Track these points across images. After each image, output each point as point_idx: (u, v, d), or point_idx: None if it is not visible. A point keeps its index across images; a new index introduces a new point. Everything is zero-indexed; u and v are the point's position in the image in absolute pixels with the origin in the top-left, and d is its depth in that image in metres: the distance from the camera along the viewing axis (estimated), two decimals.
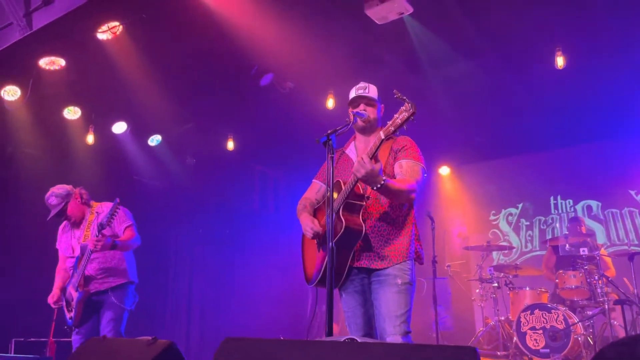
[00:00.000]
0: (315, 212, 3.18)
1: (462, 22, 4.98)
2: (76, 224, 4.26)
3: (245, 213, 8.52)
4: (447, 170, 8.69)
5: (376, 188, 2.69)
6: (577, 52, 5.37)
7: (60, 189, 4.21)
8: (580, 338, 5.12)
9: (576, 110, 6.54)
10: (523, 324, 5.37)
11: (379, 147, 2.68)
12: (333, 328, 2.47)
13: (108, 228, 3.93)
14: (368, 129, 3.10)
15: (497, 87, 6.18)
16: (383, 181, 2.66)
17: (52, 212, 4.18)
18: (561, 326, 5.14)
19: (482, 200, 8.41)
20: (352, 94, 3.15)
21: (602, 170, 7.29)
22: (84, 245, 4.03)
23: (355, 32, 5.14)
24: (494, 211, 8.38)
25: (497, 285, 6.22)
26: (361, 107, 3.08)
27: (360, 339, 1.79)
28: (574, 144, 7.40)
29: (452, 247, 8.36)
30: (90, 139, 6.59)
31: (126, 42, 4.92)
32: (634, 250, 5.50)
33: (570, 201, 7.80)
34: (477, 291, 6.63)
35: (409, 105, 2.59)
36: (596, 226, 7.49)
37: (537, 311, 5.34)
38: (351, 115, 3.00)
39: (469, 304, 7.51)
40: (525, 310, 5.42)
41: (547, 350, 5.14)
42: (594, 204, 7.62)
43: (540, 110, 6.63)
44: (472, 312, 7.62)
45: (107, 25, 4.75)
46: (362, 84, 3.15)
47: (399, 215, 2.96)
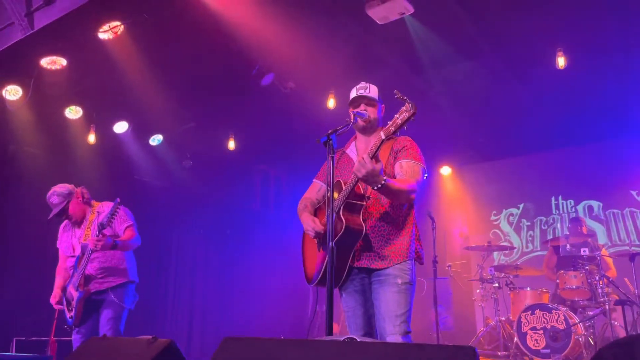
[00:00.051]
0: (315, 212, 3.18)
1: (463, 22, 4.98)
2: (77, 223, 4.27)
3: (246, 213, 8.54)
4: (448, 170, 8.69)
5: (377, 188, 2.69)
6: (579, 52, 5.37)
7: (62, 188, 4.22)
8: (581, 338, 5.12)
9: (578, 110, 6.53)
10: (524, 324, 5.37)
11: (379, 147, 2.69)
12: (333, 328, 2.47)
13: (108, 228, 3.93)
14: (368, 129, 3.10)
15: (498, 87, 6.17)
16: (384, 181, 2.66)
17: (54, 211, 4.19)
18: (562, 326, 5.14)
19: (483, 201, 8.41)
20: (352, 94, 3.15)
21: (603, 171, 7.29)
22: (84, 244, 4.04)
23: (356, 32, 5.14)
24: (494, 211, 8.37)
25: (498, 285, 6.22)
26: (362, 107, 3.08)
27: (360, 339, 1.80)
28: (575, 145, 7.40)
29: (452, 247, 8.36)
30: (92, 138, 6.59)
31: (127, 41, 4.92)
32: (635, 250, 5.49)
33: (572, 201, 7.79)
34: (478, 291, 6.63)
35: (410, 105, 2.59)
36: (597, 226, 7.48)
37: (537, 311, 5.34)
38: (352, 115, 3.00)
39: (470, 304, 7.51)
40: (526, 310, 5.42)
41: (548, 351, 5.14)
42: (595, 204, 7.61)
43: (542, 110, 6.62)
44: (472, 312, 7.63)
45: (108, 25, 4.76)
46: (362, 84, 3.16)
47: (399, 215, 2.96)
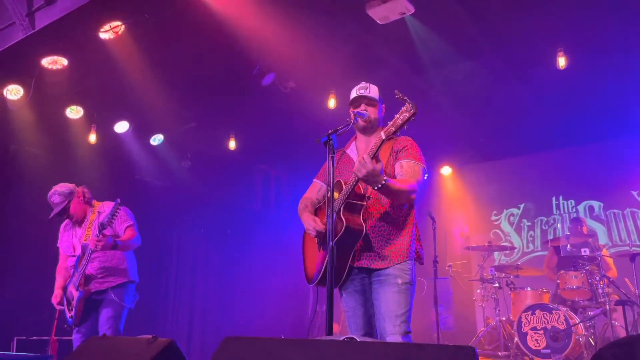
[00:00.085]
0: (316, 212, 3.18)
1: (464, 22, 4.98)
2: (78, 222, 4.28)
3: (246, 212, 8.54)
4: (448, 170, 8.68)
5: (377, 188, 2.69)
6: (579, 52, 5.36)
7: (63, 187, 4.23)
8: (581, 339, 5.12)
9: (578, 110, 6.52)
10: (524, 324, 5.37)
11: (380, 147, 2.69)
12: (333, 327, 2.47)
13: (109, 228, 3.94)
14: (369, 129, 3.11)
15: (498, 87, 6.16)
16: (384, 181, 2.66)
17: (55, 210, 4.20)
18: (562, 327, 5.14)
19: (483, 201, 8.41)
20: (353, 93, 3.16)
21: (604, 171, 7.28)
22: (85, 244, 4.05)
23: (357, 32, 5.14)
24: (495, 211, 8.37)
25: (499, 285, 6.22)
26: (362, 107, 3.08)
27: (360, 338, 1.80)
28: (576, 145, 7.39)
29: (453, 247, 8.36)
30: (93, 138, 6.60)
31: (128, 41, 4.93)
32: (636, 250, 5.48)
33: (572, 202, 7.78)
34: (479, 291, 6.63)
35: (410, 105, 2.59)
36: (598, 227, 7.48)
37: (538, 311, 5.34)
38: (352, 115, 3.00)
39: (470, 304, 7.50)
40: (526, 310, 5.42)
41: (548, 351, 5.14)
42: (596, 204, 7.61)
43: (543, 110, 6.62)
44: (473, 312, 7.62)
45: (109, 24, 4.76)
46: (363, 84, 3.16)
47: (399, 215, 2.96)
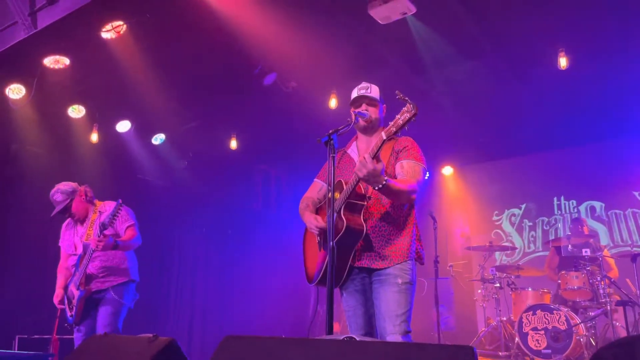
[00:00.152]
0: (317, 212, 3.19)
1: (465, 22, 4.98)
2: (80, 221, 4.30)
3: (247, 212, 8.55)
4: (450, 170, 8.68)
5: (378, 188, 2.69)
6: (579, 52, 5.36)
7: (66, 185, 4.25)
8: (582, 339, 5.11)
9: (580, 110, 6.52)
10: (525, 325, 5.36)
11: (380, 147, 2.69)
12: (334, 327, 2.48)
13: (110, 228, 3.96)
14: (370, 129, 3.11)
15: (500, 87, 6.16)
16: (385, 181, 2.66)
17: (57, 209, 4.21)
18: (563, 327, 5.13)
19: (485, 201, 8.41)
20: (354, 93, 3.16)
21: (605, 171, 7.28)
22: (86, 243, 4.06)
23: (358, 32, 5.14)
24: (496, 211, 8.37)
25: (500, 285, 6.22)
26: (363, 107, 3.09)
27: (359, 338, 1.80)
28: (578, 145, 7.38)
29: (454, 247, 8.36)
30: (94, 137, 6.61)
31: (130, 41, 4.94)
32: (637, 251, 5.47)
33: (574, 202, 7.78)
34: (480, 291, 6.62)
35: (411, 106, 2.59)
36: (599, 227, 7.47)
37: (539, 312, 5.34)
38: (353, 115, 3.01)
39: (471, 304, 7.50)
40: (527, 310, 5.41)
41: (549, 351, 5.14)
42: (598, 204, 7.60)
43: (544, 110, 6.62)
44: (474, 313, 7.62)
45: (111, 24, 4.77)
46: (364, 84, 3.16)
47: (400, 215, 2.96)
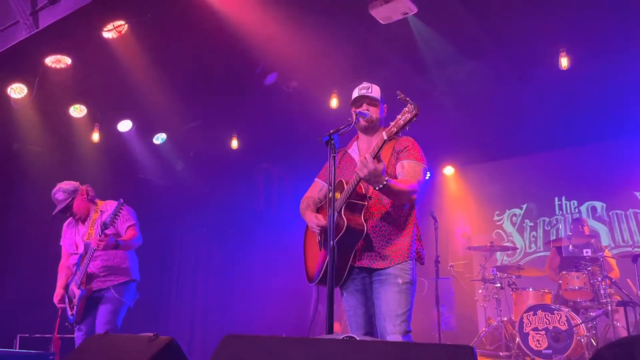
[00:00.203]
0: (318, 211, 3.19)
1: (466, 22, 4.98)
2: (81, 220, 4.31)
3: (249, 211, 8.55)
4: (451, 170, 8.68)
5: (378, 188, 2.69)
6: (580, 52, 5.36)
7: (67, 184, 4.26)
8: (583, 339, 5.11)
9: (581, 110, 6.52)
10: (526, 325, 5.36)
11: (381, 147, 2.69)
12: (335, 327, 2.48)
13: (111, 227, 3.97)
14: (370, 128, 3.11)
15: (501, 87, 6.16)
16: (385, 181, 2.66)
17: (58, 207, 4.22)
18: (564, 327, 5.13)
19: (486, 201, 8.40)
20: (355, 93, 3.16)
21: (606, 171, 7.27)
22: (87, 243, 4.07)
23: (359, 32, 5.14)
24: (498, 211, 8.36)
25: (500, 285, 6.21)
26: (364, 107, 3.09)
27: (359, 337, 1.80)
28: (579, 145, 7.38)
29: (455, 247, 8.36)
30: (96, 137, 6.62)
31: (131, 41, 4.94)
32: (638, 251, 5.46)
33: (575, 202, 7.77)
34: (480, 291, 6.62)
35: (412, 106, 2.59)
36: (600, 227, 7.46)
37: (540, 312, 5.33)
38: (354, 115, 3.01)
39: (472, 304, 7.50)
40: (528, 310, 5.41)
41: (550, 351, 5.13)
42: (599, 205, 7.59)
43: (545, 110, 6.61)
44: (475, 313, 7.62)
45: (112, 24, 4.78)
46: (365, 84, 3.16)
47: (400, 215, 2.97)
